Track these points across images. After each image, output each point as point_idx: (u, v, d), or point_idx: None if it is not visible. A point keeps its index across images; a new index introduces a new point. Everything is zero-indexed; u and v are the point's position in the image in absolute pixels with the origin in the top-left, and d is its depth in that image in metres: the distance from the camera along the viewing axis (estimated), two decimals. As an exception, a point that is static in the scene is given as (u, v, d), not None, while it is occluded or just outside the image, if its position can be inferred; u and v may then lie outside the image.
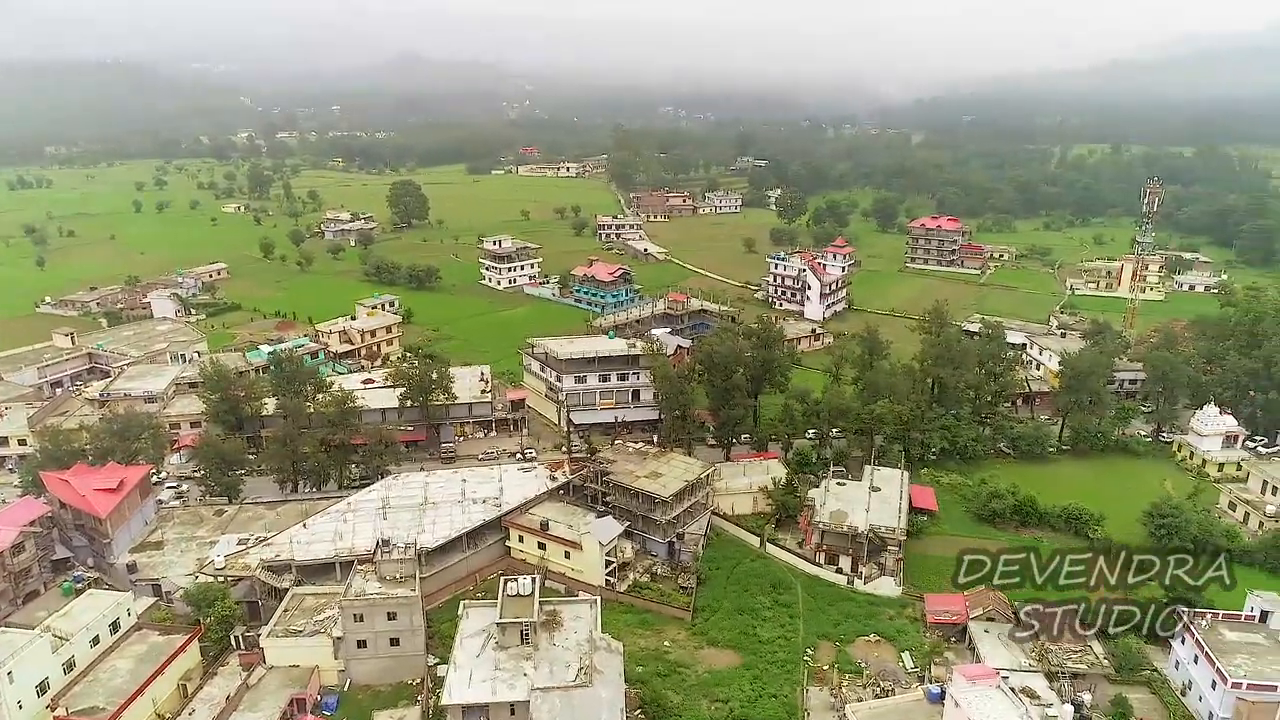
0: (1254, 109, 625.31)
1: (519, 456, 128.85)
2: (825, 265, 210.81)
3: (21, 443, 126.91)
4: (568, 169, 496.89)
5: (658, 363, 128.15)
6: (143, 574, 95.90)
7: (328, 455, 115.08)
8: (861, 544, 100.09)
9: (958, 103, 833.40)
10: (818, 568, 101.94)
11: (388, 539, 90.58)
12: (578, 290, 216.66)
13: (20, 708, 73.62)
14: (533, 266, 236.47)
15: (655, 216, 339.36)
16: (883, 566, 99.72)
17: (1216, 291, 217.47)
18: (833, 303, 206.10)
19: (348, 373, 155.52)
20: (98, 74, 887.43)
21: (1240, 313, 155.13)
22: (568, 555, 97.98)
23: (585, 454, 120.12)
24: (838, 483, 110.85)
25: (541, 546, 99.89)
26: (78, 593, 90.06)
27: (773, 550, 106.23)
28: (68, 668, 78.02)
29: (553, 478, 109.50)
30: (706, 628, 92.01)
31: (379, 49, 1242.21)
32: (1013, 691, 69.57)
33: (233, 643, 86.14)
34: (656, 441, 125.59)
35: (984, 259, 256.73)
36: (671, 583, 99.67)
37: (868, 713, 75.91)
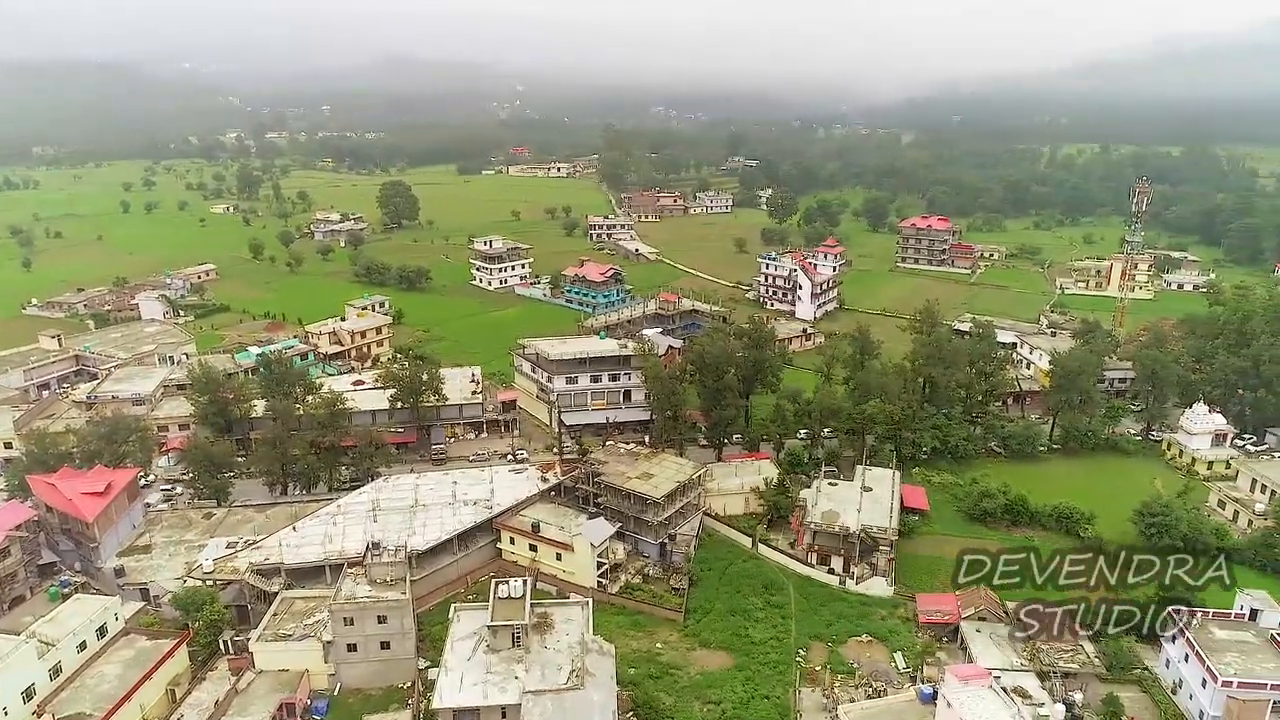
0: (1241, 109, 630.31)
1: (510, 458, 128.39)
2: (816, 265, 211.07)
3: (7, 446, 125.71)
4: (559, 169, 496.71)
5: (649, 363, 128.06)
6: (130, 578, 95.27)
7: (317, 457, 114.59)
8: (853, 544, 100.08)
9: (947, 102, 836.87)
10: (810, 568, 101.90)
11: (378, 542, 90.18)
12: (569, 291, 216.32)
13: (6, 714, 72.87)
14: (524, 267, 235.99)
15: (646, 216, 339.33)
16: (875, 566, 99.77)
17: (1205, 290, 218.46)
18: (824, 302, 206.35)
19: (338, 374, 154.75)
20: (85, 74, 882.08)
21: (1229, 311, 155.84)
22: (559, 557, 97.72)
23: (577, 455, 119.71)
24: (829, 483, 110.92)
25: (533, 548, 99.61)
26: (64, 597, 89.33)
27: (765, 551, 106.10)
28: (54, 673, 77.20)
29: (544, 479, 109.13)
30: (699, 629, 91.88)
31: (369, 49, 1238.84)
32: (1005, 691, 69.62)
33: (221, 647, 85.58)
34: (648, 442, 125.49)
35: (974, 258, 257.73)
36: (663, 584, 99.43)
37: (860, 713, 75.94)
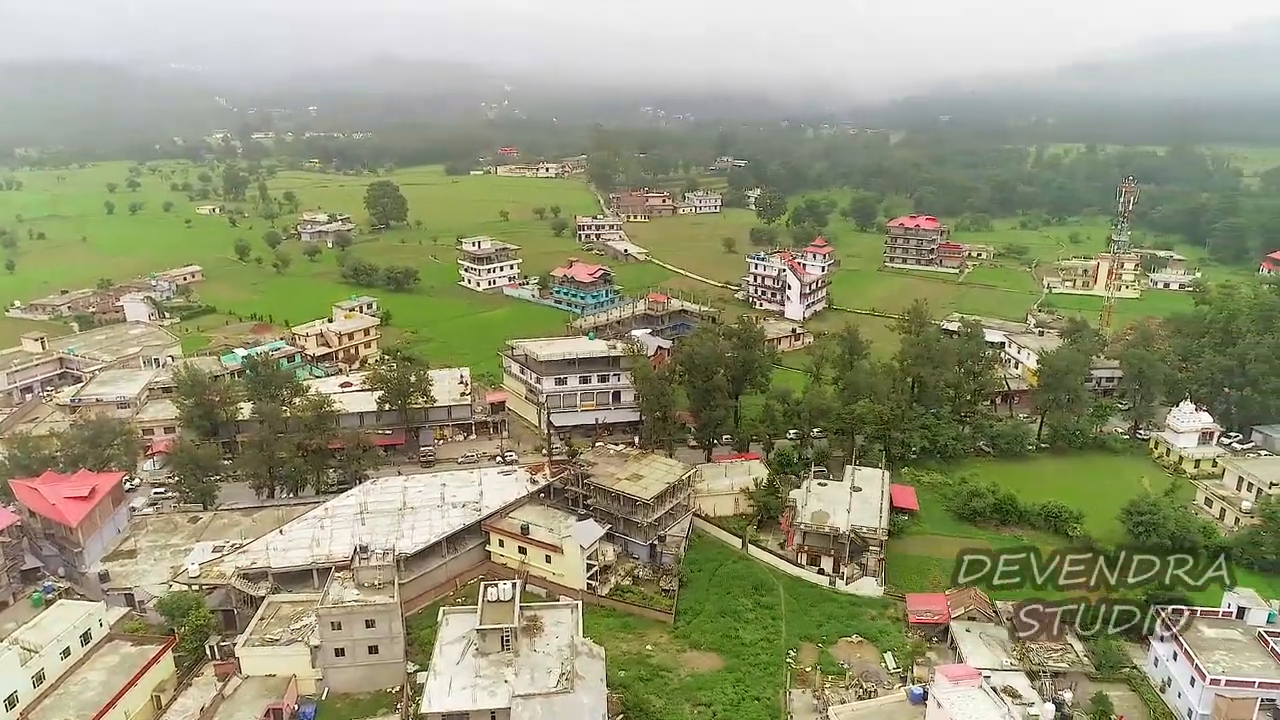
0: (1224, 109, 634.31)
1: (499, 459, 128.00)
2: (805, 265, 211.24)
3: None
4: (547, 169, 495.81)
5: (638, 364, 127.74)
6: (115, 583, 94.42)
7: (304, 460, 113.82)
8: (843, 544, 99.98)
9: (936, 102, 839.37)
10: (800, 569, 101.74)
11: (366, 545, 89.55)
12: (557, 291, 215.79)
13: (-12, 722, 72.14)
14: (512, 268, 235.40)
15: (635, 217, 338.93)
16: (864, 567, 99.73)
17: (1191, 289, 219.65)
18: (813, 302, 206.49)
19: (325, 376, 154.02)
20: (70, 74, 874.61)
21: (1214, 310, 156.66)
22: (549, 559, 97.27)
23: (566, 456, 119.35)
24: (819, 483, 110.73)
25: (522, 551, 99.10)
26: (48, 603, 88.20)
27: (755, 552, 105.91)
28: (37, 680, 76.29)
29: (533, 481, 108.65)
30: (689, 630, 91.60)
31: (356, 50, 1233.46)
32: (995, 691, 69.69)
33: (208, 653, 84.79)
34: (638, 443, 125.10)
35: (962, 258, 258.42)
36: (653, 586, 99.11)
37: (851, 714, 75.83)
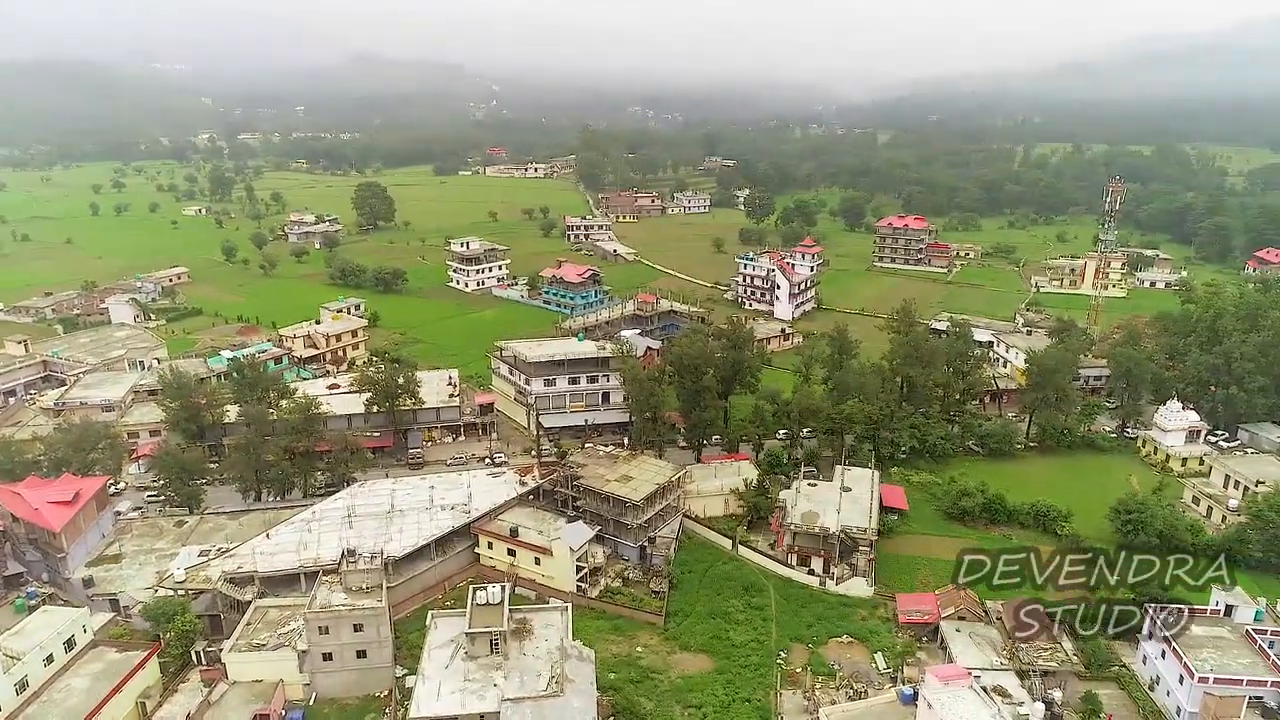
0: (1209, 109, 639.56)
1: (488, 461, 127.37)
2: (794, 265, 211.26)
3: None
4: (535, 169, 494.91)
5: (627, 365, 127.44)
6: (100, 588, 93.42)
7: (292, 463, 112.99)
8: (833, 545, 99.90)
9: (923, 102, 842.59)
10: (790, 569, 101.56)
11: (353, 549, 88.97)
12: (546, 292, 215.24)
13: (-30, 731, 71.24)
14: (501, 268, 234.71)
15: (624, 217, 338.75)
16: (854, 567, 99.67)
17: (1177, 288, 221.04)
18: (802, 302, 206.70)
19: (312, 378, 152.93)
20: (52, 74, 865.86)
21: (1200, 309, 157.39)
22: (538, 561, 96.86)
23: (555, 458, 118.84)
24: (809, 483, 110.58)
25: (511, 553, 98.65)
26: (31, 609, 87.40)
27: (745, 552, 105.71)
28: (20, 688, 75.39)
29: (522, 483, 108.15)
30: (679, 632, 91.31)
31: (344, 49, 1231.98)
32: (985, 691, 69.65)
33: (193, 658, 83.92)
34: (627, 444, 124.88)
35: (950, 257, 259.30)
36: (643, 587, 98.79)
37: (841, 715, 75.67)
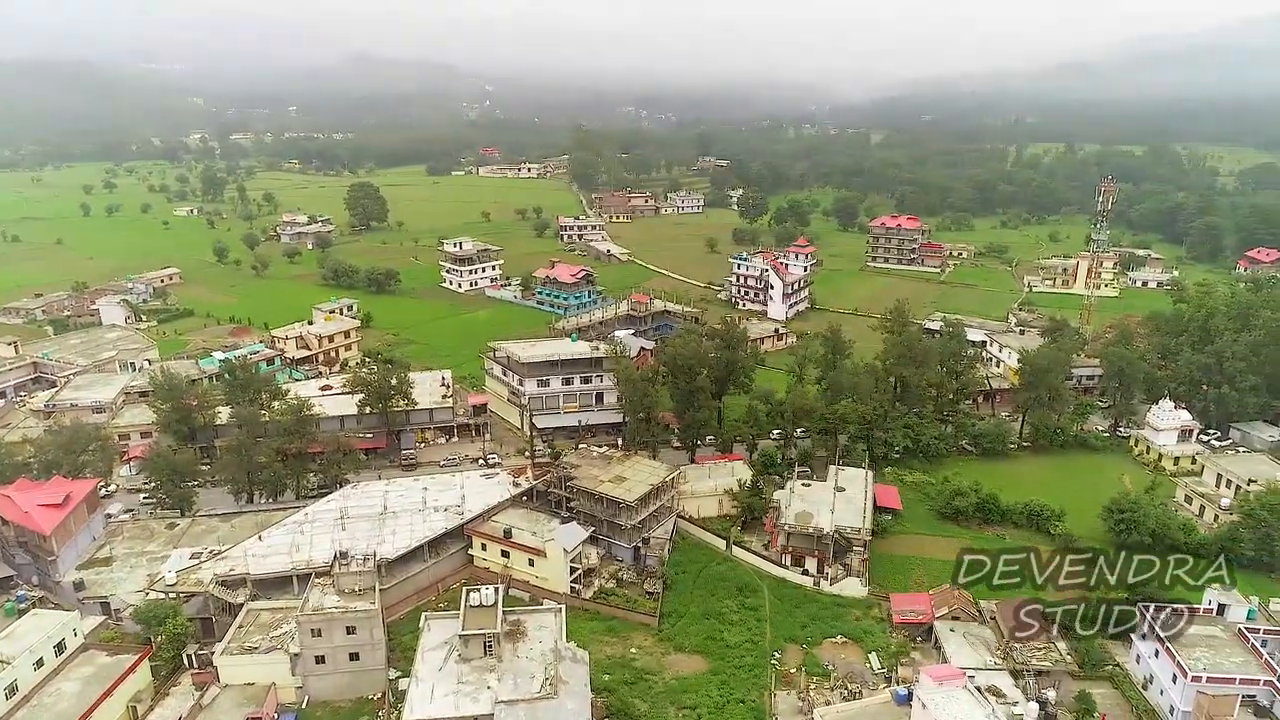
0: (1200, 109, 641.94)
1: (481, 462, 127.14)
2: (787, 265, 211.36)
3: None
4: (529, 170, 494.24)
5: (621, 365, 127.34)
6: (90, 592, 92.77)
7: (284, 465, 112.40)
8: (827, 545, 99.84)
9: (916, 102, 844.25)
10: (784, 570, 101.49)
11: (346, 551, 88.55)
12: (540, 292, 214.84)
13: (-41, 736, 70.69)
14: (494, 269, 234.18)
15: (617, 217, 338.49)
16: (848, 567, 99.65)
17: (1169, 288, 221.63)
18: (795, 302, 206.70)
19: (305, 379, 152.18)
20: (43, 74, 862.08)
21: (1192, 309, 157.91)
22: (532, 563, 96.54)
23: (549, 459, 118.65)
24: (803, 483, 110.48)
25: (505, 554, 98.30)
26: (21, 613, 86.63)
27: (739, 553, 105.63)
28: (10, 692, 74.68)
29: (516, 484, 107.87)
30: (673, 633, 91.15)
31: (336, 49, 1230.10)
32: (979, 691, 69.68)
33: (185, 662, 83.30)
34: (621, 445, 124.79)
35: (943, 257, 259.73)
36: (637, 588, 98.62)
37: (836, 716, 75.58)
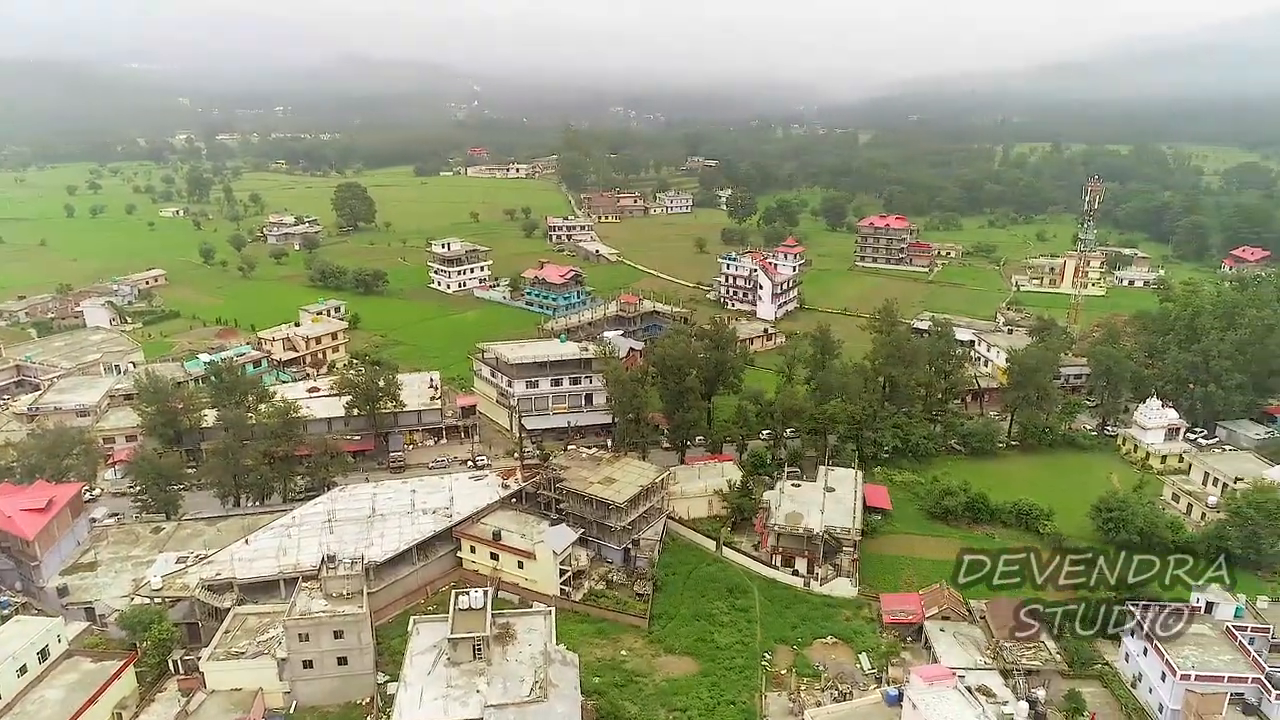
0: (1184, 108, 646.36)
1: (470, 464, 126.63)
2: (776, 265, 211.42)
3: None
4: (517, 170, 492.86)
5: (610, 366, 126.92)
6: (75, 597, 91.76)
7: (271, 468, 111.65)
8: (817, 545, 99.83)
9: (903, 102, 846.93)
10: (774, 570, 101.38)
11: (334, 554, 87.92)
12: (529, 293, 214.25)
13: (-60, 745, 69.76)
14: (483, 269, 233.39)
15: (606, 217, 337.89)
16: (838, 567, 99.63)
17: (1155, 287, 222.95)
18: (784, 302, 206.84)
19: (292, 381, 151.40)
20: (27, 74, 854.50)
21: (1179, 307, 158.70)
22: (521, 565, 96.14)
23: (538, 460, 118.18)
24: (792, 484, 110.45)
25: (494, 557, 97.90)
26: (3, 619, 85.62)
27: (729, 554, 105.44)
28: (-8, 700, 74.11)
29: (505, 486, 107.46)
30: (663, 635, 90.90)
31: (323, 49, 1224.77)
32: (969, 691, 69.69)
33: (171, 667, 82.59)
34: (610, 446, 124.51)
35: (931, 257, 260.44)
36: (628, 590, 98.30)
37: (826, 717, 75.57)
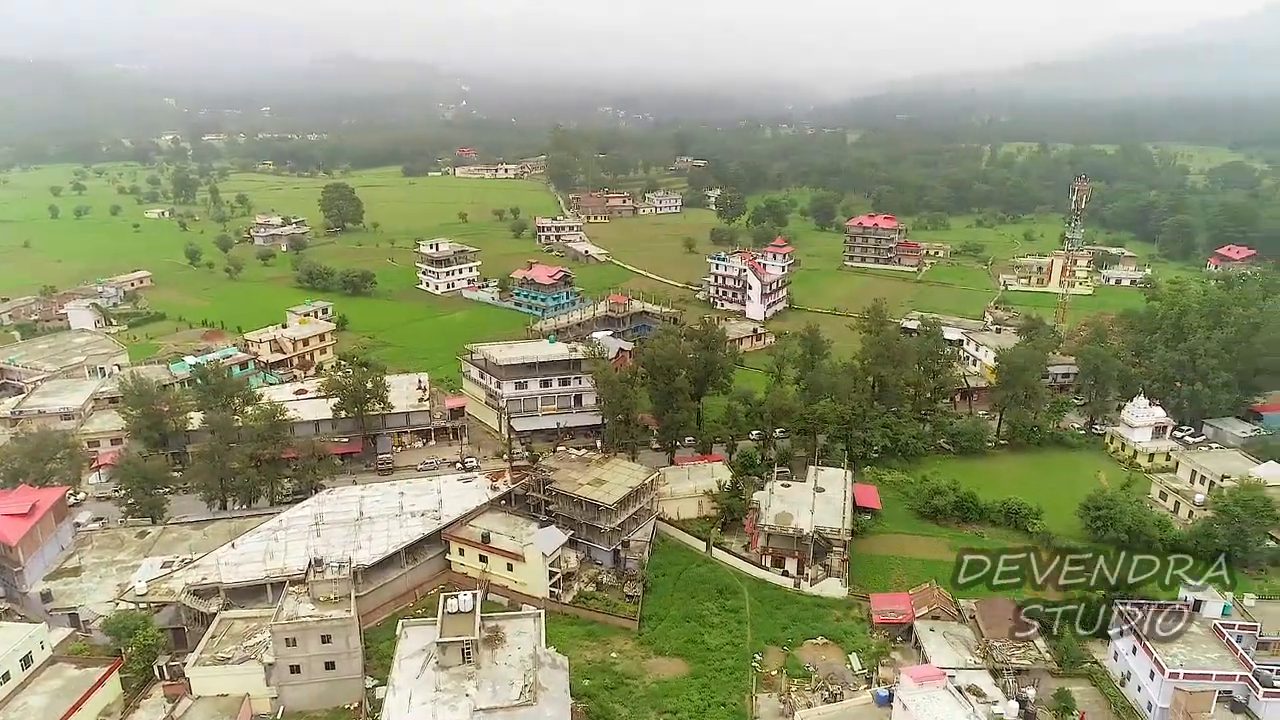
0: (1170, 108, 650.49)
1: (459, 466, 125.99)
2: (765, 265, 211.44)
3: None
4: (506, 170, 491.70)
5: (599, 367, 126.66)
6: (58, 603, 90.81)
7: (258, 470, 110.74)
8: (807, 545, 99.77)
9: (891, 102, 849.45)
10: (764, 571, 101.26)
11: (321, 557, 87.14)
12: (518, 294, 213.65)
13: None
14: (471, 270, 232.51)
15: (595, 217, 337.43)
16: (828, 568, 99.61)
17: (1142, 285, 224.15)
18: (774, 302, 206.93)
19: (279, 383, 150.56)
20: (9, 74, 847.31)
21: (1165, 306, 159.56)
22: (510, 567, 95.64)
23: (527, 462, 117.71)
24: (782, 484, 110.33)
25: (483, 559, 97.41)
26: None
27: (719, 555, 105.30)
28: (-26, 708, 73.26)
29: (494, 487, 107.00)
30: (654, 637, 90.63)
31: (309, 49, 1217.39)
32: (959, 691, 69.63)
33: (156, 673, 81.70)
34: (599, 447, 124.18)
35: (920, 256, 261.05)
36: (618, 592, 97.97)
37: (817, 718, 75.29)
